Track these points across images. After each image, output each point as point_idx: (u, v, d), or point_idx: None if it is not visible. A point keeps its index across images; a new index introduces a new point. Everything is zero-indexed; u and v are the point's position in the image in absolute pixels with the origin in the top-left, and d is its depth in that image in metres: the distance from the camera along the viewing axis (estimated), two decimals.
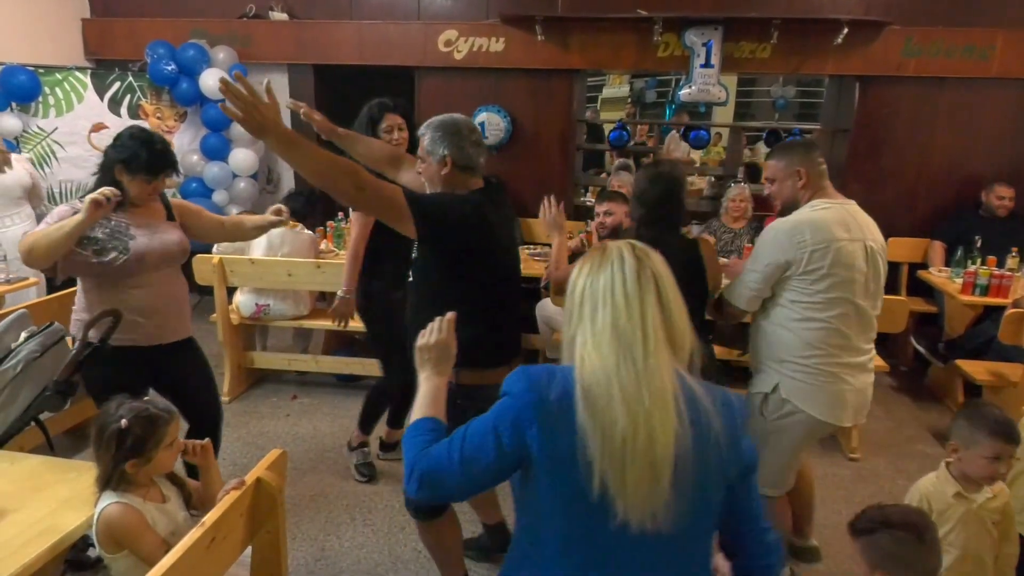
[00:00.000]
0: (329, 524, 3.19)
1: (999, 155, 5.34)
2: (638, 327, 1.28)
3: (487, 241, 2.25)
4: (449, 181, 2.28)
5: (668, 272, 1.35)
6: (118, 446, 1.77)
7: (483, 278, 2.27)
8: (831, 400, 2.42)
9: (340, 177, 2.01)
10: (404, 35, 5.78)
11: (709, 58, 5.27)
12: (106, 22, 6.11)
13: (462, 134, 2.28)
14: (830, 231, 2.34)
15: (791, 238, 2.36)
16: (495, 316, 2.32)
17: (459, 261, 2.23)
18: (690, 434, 1.25)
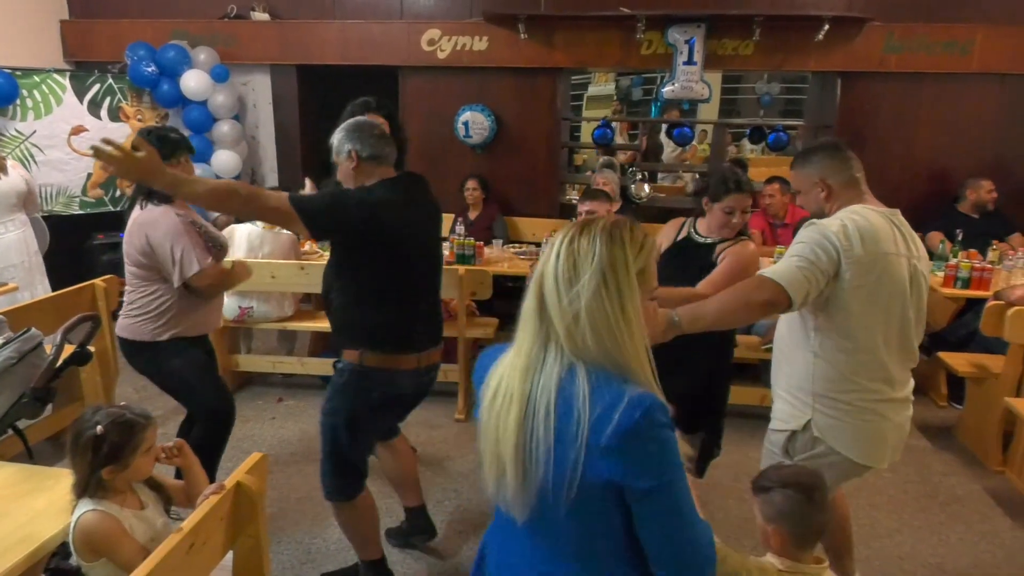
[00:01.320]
0: (315, 526, 3.18)
1: (980, 149, 5.38)
2: (532, 316, 1.27)
3: (383, 232, 2.30)
4: (359, 174, 2.40)
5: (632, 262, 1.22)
6: (94, 453, 1.74)
7: (385, 266, 2.35)
8: (870, 440, 2.11)
9: (227, 198, 2.21)
10: (387, 35, 5.76)
11: (692, 55, 5.28)
12: (85, 23, 6.06)
13: (363, 130, 2.41)
14: (879, 241, 2.00)
15: (837, 240, 1.99)
16: (402, 303, 2.42)
17: (356, 251, 2.35)
18: (550, 436, 1.20)
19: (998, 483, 3.61)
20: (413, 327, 2.48)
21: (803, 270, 1.96)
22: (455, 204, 5.65)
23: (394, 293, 2.40)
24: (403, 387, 2.51)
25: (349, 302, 2.44)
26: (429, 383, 2.65)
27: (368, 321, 2.40)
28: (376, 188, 2.35)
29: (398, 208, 2.34)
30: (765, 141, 5.96)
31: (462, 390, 4.29)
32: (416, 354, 2.48)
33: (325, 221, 2.27)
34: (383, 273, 2.37)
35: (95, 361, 3.36)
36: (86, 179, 5.56)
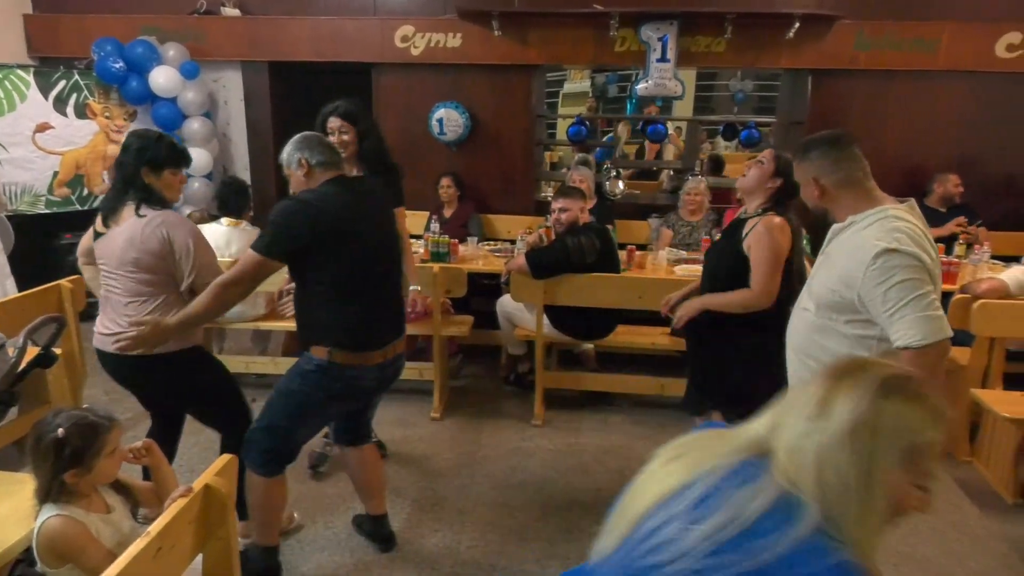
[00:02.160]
0: (290, 527, 3.14)
1: (947, 145, 5.47)
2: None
3: (328, 236, 2.38)
4: (310, 180, 2.49)
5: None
6: (56, 456, 1.71)
7: (338, 266, 2.43)
8: None
9: (223, 299, 2.39)
10: (360, 31, 5.72)
11: (665, 52, 5.30)
12: (50, 18, 5.94)
13: (310, 140, 2.53)
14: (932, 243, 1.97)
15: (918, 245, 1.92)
16: (361, 300, 2.49)
17: (307, 257, 2.40)
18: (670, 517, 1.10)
19: (966, 473, 3.68)
20: (375, 323, 2.55)
21: (931, 305, 1.88)
22: (430, 201, 5.63)
23: (351, 291, 2.47)
24: (367, 381, 2.58)
25: (311, 302, 2.49)
26: (394, 374, 2.72)
27: (331, 320, 2.47)
28: (311, 193, 2.45)
29: (339, 206, 2.42)
30: (738, 138, 6.03)
31: (437, 388, 4.28)
32: (381, 349, 2.56)
33: (280, 248, 2.37)
34: (337, 272, 2.44)
35: (62, 363, 3.33)
36: (52, 177, 5.46)
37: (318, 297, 2.46)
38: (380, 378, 2.63)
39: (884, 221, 1.97)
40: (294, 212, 2.39)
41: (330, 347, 2.46)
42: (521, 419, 4.23)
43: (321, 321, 2.48)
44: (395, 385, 4.51)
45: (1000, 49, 5.24)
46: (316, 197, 2.43)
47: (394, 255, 2.71)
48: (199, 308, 2.38)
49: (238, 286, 2.39)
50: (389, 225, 2.70)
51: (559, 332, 4.14)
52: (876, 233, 1.94)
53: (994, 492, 3.51)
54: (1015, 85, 5.33)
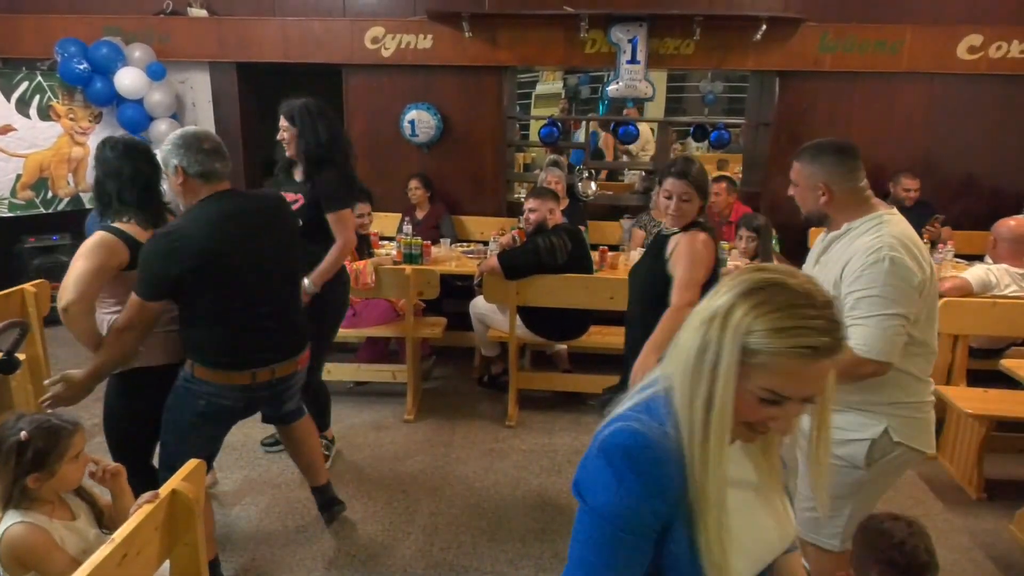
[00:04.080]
0: (260, 533, 3.12)
1: (910, 146, 5.58)
2: None
3: (195, 267, 2.29)
4: (187, 191, 2.40)
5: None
6: (18, 460, 1.68)
7: (204, 290, 2.34)
8: (930, 429, 2.10)
9: (121, 345, 2.36)
10: (330, 32, 5.68)
11: (635, 54, 5.35)
12: (11, 18, 5.82)
13: (190, 144, 2.37)
14: (926, 253, 2.02)
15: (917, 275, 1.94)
16: (228, 322, 2.41)
17: (180, 287, 2.32)
18: None
19: (930, 468, 3.75)
20: (243, 345, 2.46)
21: (895, 331, 1.91)
22: (401, 203, 5.61)
23: (219, 313, 2.40)
24: (231, 400, 2.51)
25: (183, 319, 2.45)
26: (272, 398, 2.66)
27: (193, 337, 2.44)
28: (181, 220, 2.38)
29: (208, 232, 2.32)
30: (708, 139, 6.08)
31: (411, 390, 4.26)
32: (250, 371, 2.48)
33: (153, 291, 2.30)
34: (210, 298, 2.37)
35: (26, 369, 3.26)
36: (15, 180, 5.35)
37: (193, 316, 2.41)
38: (248, 399, 2.55)
39: (880, 227, 2.00)
40: (156, 253, 2.28)
41: (194, 361, 2.45)
42: (495, 420, 4.23)
43: (190, 338, 2.46)
44: (368, 388, 4.61)
45: (961, 51, 5.36)
46: (182, 226, 2.33)
47: (282, 274, 2.59)
48: (104, 357, 2.38)
49: (131, 331, 2.34)
50: (285, 244, 2.59)
51: (532, 333, 4.16)
52: (874, 241, 1.97)
53: (958, 487, 3.58)
54: (976, 86, 5.45)
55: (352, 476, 3.60)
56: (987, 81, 5.44)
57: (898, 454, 2.04)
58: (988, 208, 5.30)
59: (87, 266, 2.31)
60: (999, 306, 3.61)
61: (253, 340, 2.48)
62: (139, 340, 2.39)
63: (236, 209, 2.43)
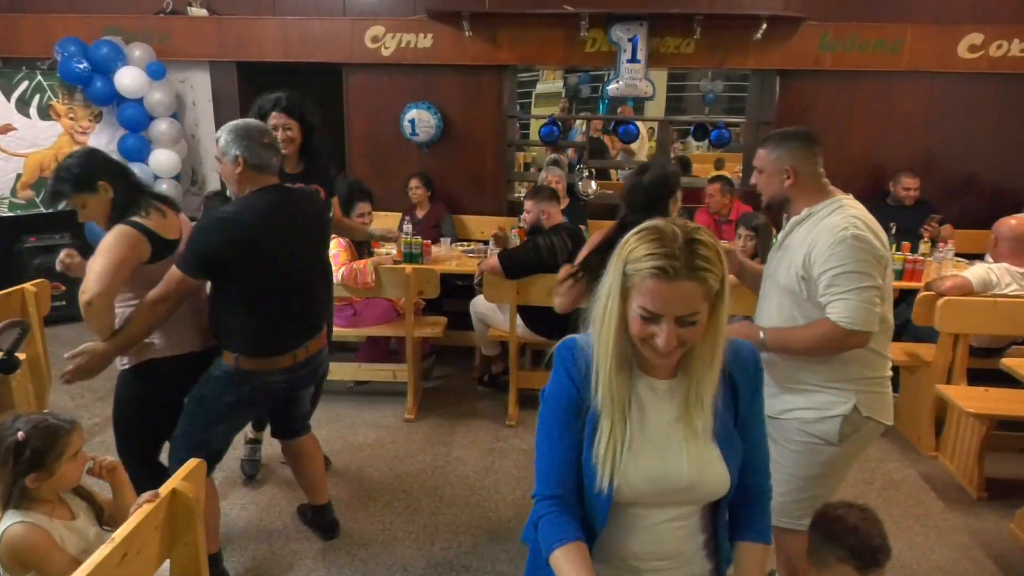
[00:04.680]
0: (261, 532, 3.12)
1: (910, 145, 5.58)
2: None
3: (243, 253, 2.38)
4: (243, 180, 2.48)
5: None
6: (15, 460, 1.68)
7: (251, 277, 2.44)
8: (890, 401, 2.22)
9: (151, 317, 2.39)
10: (330, 31, 5.68)
11: (635, 53, 5.34)
12: (11, 18, 5.82)
13: (252, 136, 2.47)
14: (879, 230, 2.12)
15: (886, 252, 2.08)
16: (270, 309, 2.50)
17: (224, 268, 2.41)
18: None
19: (931, 467, 3.75)
20: (283, 329, 2.57)
21: (871, 301, 2.02)
22: (402, 203, 5.61)
23: (262, 302, 2.48)
24: (276, 383, 2.60)
25: (222, 308, 2.51)
26: (309, 373, 2.75)
27: (239, 327, 2.49)
28: (233, 207, 2.47)
29: (258, 221, 2.42)
30: (708, 138, 6.08)
31: (411, 389, 4.26)
32: (291, 352, 2.58)
33: (198, 267, 2.37)
34: (249, 284, 2.45)
35: (26, 369, 3.26)
36: (15, 180, 5.35)
37: (229, 305, 2.48)
38: (291, 379, 2.65)
39: (842, 210, 2.11)
40: (210, 231, 2.39)
41: (237, 353, 2.50)
42: (495, 419, 4.23)
43: (230, 328, 2.51)
44: (368, 387, 4.61)
45: (962, 50, 5.35)
46: (235, 212, 2.43)
47: (318, 264, 2.76)
48: (132, 328, 2.39)
49: (165, 303, 2.39)
50: (319, 236, 2.77)
51: (532, 332, 4.15)
52: (838, 221, 2.07)
53: (959, 486, 3.58)
54: (976, 85, 5.45)
55: (352, 476, 3.60)
56: (988, 80, 5.43)
57: (867, 429, 2.16)
58: (989, 207, 5.30)
59: (110, 259, 2.32)
60: (1000, 305, 3.61)
61: (290, 325, 2.59)
62: (168, 315, 2.43)
63: (284, 203, 2.53)
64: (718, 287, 1.25)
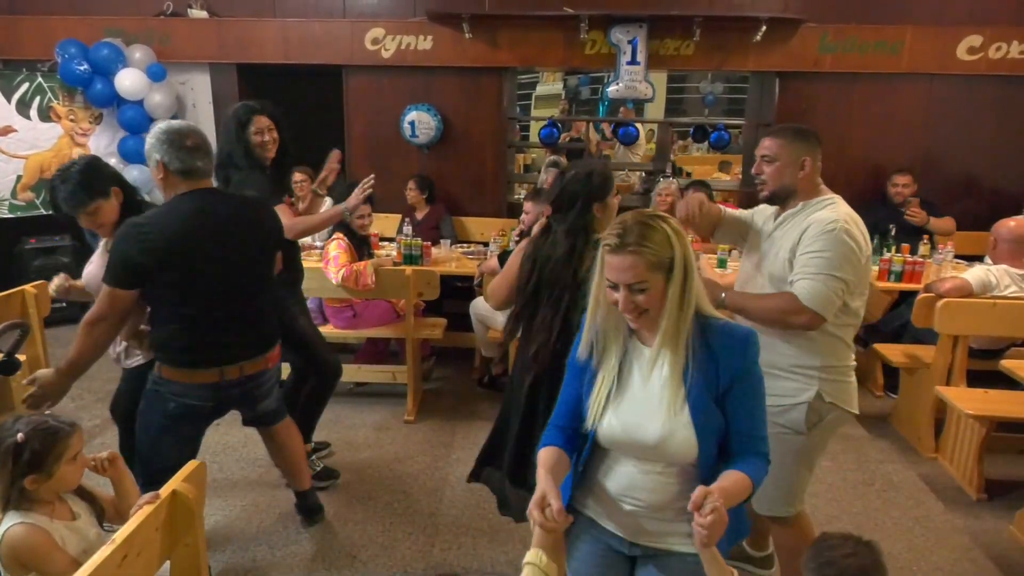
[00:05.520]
0: (261, 533, 3.12)
1: (910, 146, 5.58)
2: None
3: (164, 259, 2.29)
4: (167, 186, 2.41)
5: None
6: (15, 461, 1.68)
7: (170, 287, 2.35)
8: (855, 390, 2.32)
9: (92, 337, 2.32)
10: (330, 33, 5.69)
11: (635, 55, 5.35)
12: (12, 20, 5.83)
13: (173, 140, 2.36)
14: (867, 233, 2.26)
15: (862, 245, 2.18)
16: (194, 320, 2.41)
17: (144, 275, 2.31)
18: None
19: (931, 469, 3.75)
20: (206, 342, 2.46)
21: (836, 291, 2.13)
22: (402, 204, 5.61)
23: (188, 311, 2.40)
24: (200, 400, 2.50)
25: (154, 318, 2.47)
26: (241, 396, 2.62)
27: (159, 336, 2.45)
28: (152, 213, 2.39)
29: (179, 227, 2.32)
30: (708, 140, 6.09)
31: (411, 391, 4.27)
32: (215, 368, 2.48)
33: (121, 278, 2.28)
34: (169, 290, 2.37)
35: (26, 370, 3.26)
36: (16, 181, 5.36)
37: (155, 312, 2.44)
38: (218, 399, 2.54)
39: (835, 207, 2.25)
40: (126, 240, 2.29)
41: (160, 362, 2.46)
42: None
43: (159, 337, 2.45)
44: (368, 388, 4.61)
45: (961, 52, 5.36)
46: (150, 217, 2.34)
47: (249, 274, 2.58)
48: (77, 350, 2.34)
49: (102, 322, 2.31)
50: (257, 246, 2.60)
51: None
52: (830, 214, 2.20)
53: (958, 488, 3.58)
54: (976, 87, 5.46)
55: (352, 476, 3.60)
56: (987, 82, 5.44)
57: (833, 416, 2.26)
58: (988, 208, 5.30)
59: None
60: (999, 307, 3.61)
61: (219, 338, 2.48)
62: (111, 333, 2.37)
63: (211, 208, 2.42)
64: (668, 264, 1.50)
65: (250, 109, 3.11)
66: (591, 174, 2.36)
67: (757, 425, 1.59)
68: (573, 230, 2.30)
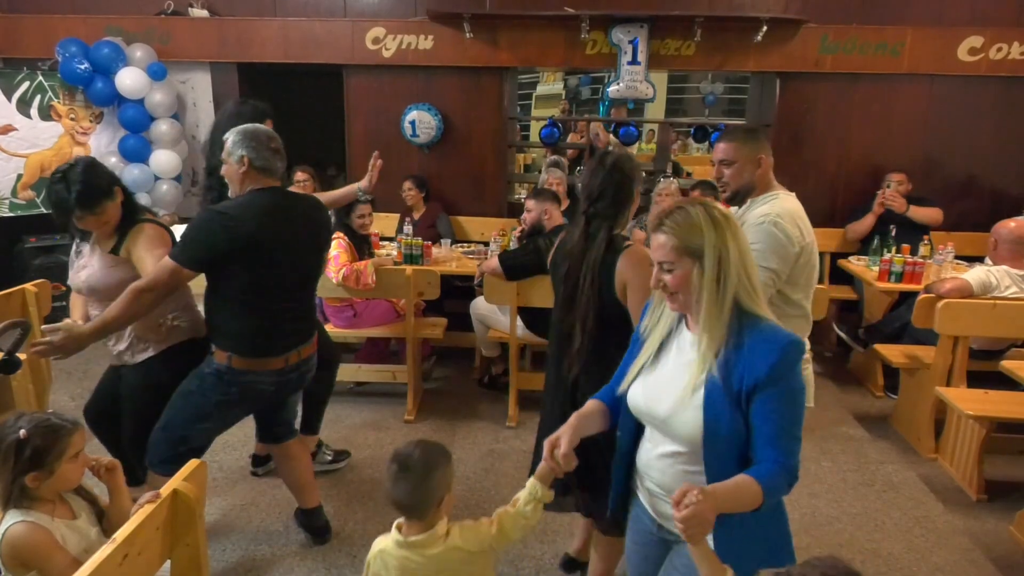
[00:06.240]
0: (261, 533, 3.12)
1: (910, 147, 5.57)
2: None
3: (242, 249, 2.40)
4: (246, 179, 2.52)
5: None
6: (16, 458, 1.68)
7: (250, 276, 2.46)
8: (811, 385, 2.40)
9: (136, 305, 2.37)
10: (330, 33, 5.68)
11: (636, 55, 5.35)
12: (12, 18, 5.82)
13: (260, 140, 2.52)
14: (809, 227, 2.39)
15: (794, 237, 2.33)
16: (267, 310, 2.53)
17: (220, 267, 2.43)
18: None
19: (931, 470, 3.75)
20: (277, 331, 2.59)
21: (767, 283, 2.26)
22: (402, 204, 5.61)
23: (258, 302, 2.51)
24: (265, 386, 2.61)
25: (218, 306, 2.53)
26: (298, 379, 2.75)
27: (235, 326, 2.52)
28: (233, 203, 2.50)
29: (258, 219, 2.43)
30: (708, 140, 6.09)
31: (411, 391, 4.27)
32: (283, 355, 2.60)
33: (195, 259, 2.39)
34: (246, 284, 2.47)
35: (27, 369, 3.27)
36: (16, 180, 5.35)
37: (225, 303, 2.50)
38: (280, 383, 2.66)
39: (775, 202, 2.42)
40: (210, 223, 2.40)
41: (230, 352, 2.52)
42: (495, 421, 4.23)
43: (225, 327, 2.53)
44: (368, 388, 4.61)
45: (962, 53, 5.36)
46: (236, 208, 2.45)
47: (312, 268, 2.76)
48: (113, 313, 2.37)
49: (151, 292, 2.39)
50: (320, 243, 2.79)
51: (533, 333, 4.16)
52: (765, 209, 2.38)
53: (958, 488, 3.58)
54: (976, 88, 5.45)
55: (352, 476, 3.60)
56: (987, 83, 5.43)
57: None
58: (988, 209, 5.31)
59: (161, 253, 2.49)
60: (999, 307, 3.62)
61: (284, 327, 2.61)
62: (155, 304, 2.44)
63: (284, 204, 2.57)
64: (697, 251, 1.52)
65: (262, 112, 3.13)
66: (629, 159, 2.39)
67: (780, 434, 1.52)
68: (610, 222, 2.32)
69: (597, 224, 2.32)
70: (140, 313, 2.43)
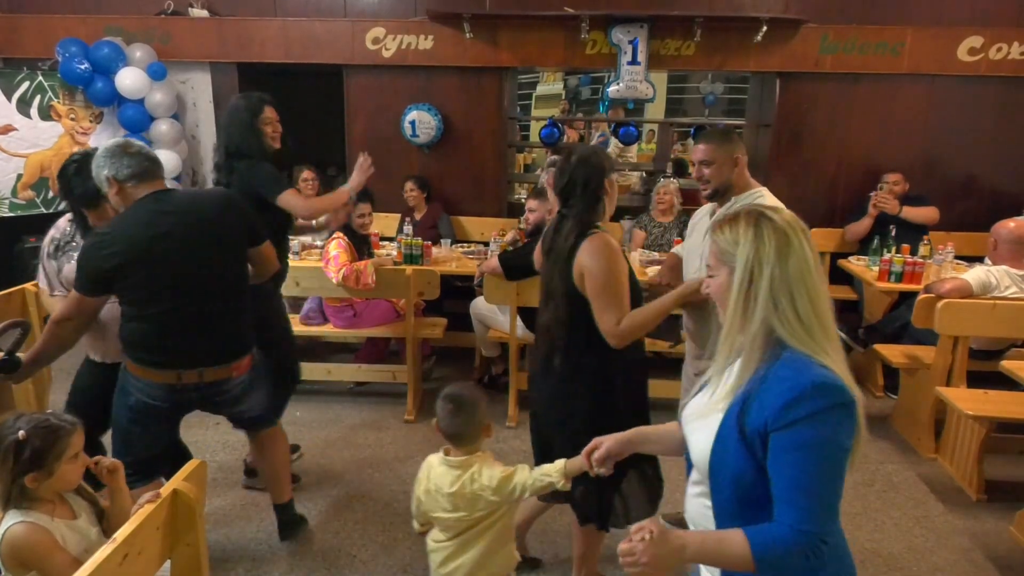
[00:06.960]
0: (261, 533, 3.12)
1: (910, 147, 5.57)
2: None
3: (124, 264, 2.35)
4: (124, 199, 2.43)
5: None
6: (15, 459, 1.68)
7: (134, 289, 2.41)
8: None
9: (58, 336, 2.44)
10: (330, 33, 5.68)
11: (636, 55, 5.35)
12: (12, 18, 5.82)
13: (115, 153, 2.41)
14: None
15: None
16: (152, 321, 2.44)
17: (109, 282, 2.39)
18: None
19: (931, 469, 3.75)
20: (166, 344, 2.46)
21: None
22: (402, 204, 5.61)
23: (149, 310, 2.43)
24: (158, 400, 2.51)
25: (122, 316, 2.51)
26: (202, 400, 2.62)
27: (125, 333, 2.50)
28: (114, 222, 2.43)
29: (137, 231, 2.36)
30: None
31: (411, 391, 4.27)
32: (174, 370, 2.48)
33: (87, 287, 2.38)
34: (134, 292, 2.42)
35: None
36: (16, 180, 5.35)
37: (124, 312, 2.47)
38: (175, 401, 2.54)
39: (761, 199, 2.49)
40: (87, 251, 2.38)
41: (126, 357, 2.51)
42: (495, 421, 4.15)
43: (123, 333, 2.50)
44: (368, 388, 4.61)
45: (962, 53, 5.36)
46: (110, 227, 2.40)
47: (218, 275, 2.54)
48: (41, 346, 2.44)
49: (69, 321, 2.42)
50: (216, 244, 2.53)
51: (533, 334, 4.15)
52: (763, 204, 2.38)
53: (958, 488, 3.58)
54: (976, 88, 5.45)
55: (352, 476, 3.60)
56: (987, 83, 5.43)
57: None
58: (988, 209, 5.29)
59: None
60: (999, 307, 3.62)
61: (179, 342, 2.48)
62: (77, 333, 2.48)
63: (169, 208, 2.44)
64: (730, 261, 1.41)
65: (261, 99, 3.14)
66: (594, 153, 2.41)
67: (796, 492, 1.32)
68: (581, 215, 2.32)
69: (568, 219, 2.36)
70: (68, 341, 2.48)
